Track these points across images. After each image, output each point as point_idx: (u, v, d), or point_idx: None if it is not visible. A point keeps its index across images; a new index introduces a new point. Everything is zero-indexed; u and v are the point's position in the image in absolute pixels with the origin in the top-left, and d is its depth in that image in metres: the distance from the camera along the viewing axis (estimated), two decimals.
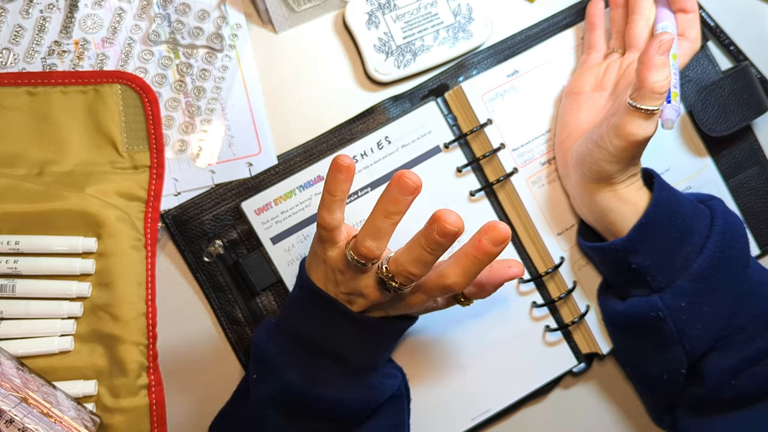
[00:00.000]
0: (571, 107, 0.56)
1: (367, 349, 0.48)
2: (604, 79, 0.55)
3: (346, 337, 0.47)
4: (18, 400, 0.45)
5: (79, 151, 0.54)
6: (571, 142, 0.55)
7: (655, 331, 0.52)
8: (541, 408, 0.60)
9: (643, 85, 0.46)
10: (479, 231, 0.42)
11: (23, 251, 0.51)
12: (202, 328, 0.56)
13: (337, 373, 0.48)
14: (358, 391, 0.48)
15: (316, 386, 0.47)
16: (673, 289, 0.51)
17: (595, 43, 0.58)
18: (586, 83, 0.56)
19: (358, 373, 0.48)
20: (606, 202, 0.52)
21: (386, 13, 0.58)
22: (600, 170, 0.51)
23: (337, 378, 0.48)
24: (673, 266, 0.51)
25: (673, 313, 0.51)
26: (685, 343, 0.51)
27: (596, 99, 0.55)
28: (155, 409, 0.52)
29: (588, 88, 0.56)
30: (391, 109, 0.58)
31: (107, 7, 0.55)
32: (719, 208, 0.54)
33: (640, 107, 0.46)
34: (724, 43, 0.63)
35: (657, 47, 0.46)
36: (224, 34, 0.57)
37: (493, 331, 0.58)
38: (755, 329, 0.51)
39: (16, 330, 0.51)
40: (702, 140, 0.61)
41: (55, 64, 0.54)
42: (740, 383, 0.51)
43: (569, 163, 0.55)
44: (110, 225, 0.51)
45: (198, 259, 0.55)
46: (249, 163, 0.57)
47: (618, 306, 0.55)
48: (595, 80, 0.56)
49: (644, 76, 0.46)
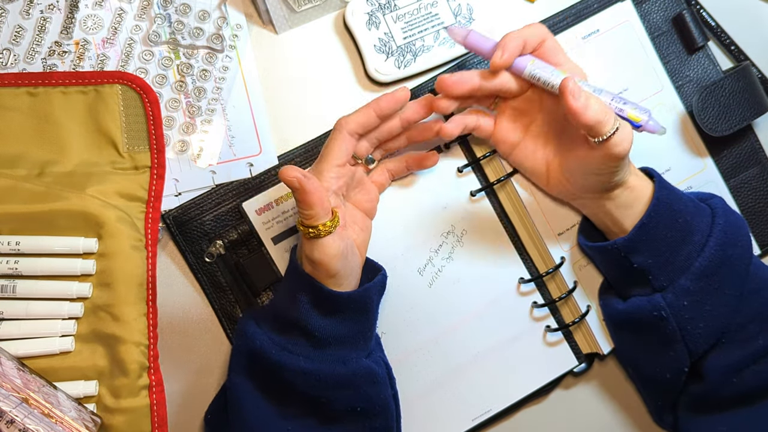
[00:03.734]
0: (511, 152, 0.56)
1: (331, 321, 0.49)
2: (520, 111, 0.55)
3: (309, 307, 0.49)
4: (19, 400, 0.45)
5: (80, 152, 0.54)
6: (554, 174, 0.55)
7: (657, 330, 0.52)
8: (541, 408, 0.60)
9: (591, 126, 0.47)
10: None
11: (24, 252, 0.51)
12: (203, 329, 0.56)
13: (304, 344, 0.49)
14: (323, 362, 0.49)
15: (280, 353, 0.49)
16: (675, 288, 0.51)
17: None
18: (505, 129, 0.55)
19: (328, 347, 0.49)
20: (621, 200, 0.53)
21: (386, 13, 0.58)
22: (610, 185, 0.51)
23: (304, 349, 0.49)
24: (675, 265, 0.51)
25: (675, 312, 0.51)
26: (688, 341, 0.51)
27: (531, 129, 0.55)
28: (156, 409, 0.52)
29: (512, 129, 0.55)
30: None
31: (108, 7, 0.55)
32: (720, 206, 0.54)
33: (606, 137, 0.47)
34: (725, 43, 0.63)
35: (565, 95, 0.47)
36: (225, 34, 0.57)
37: (493, 331, 0.58)
38: (756, 327, 0.51)
39: (17, 330, 0.51)
40: (702, 140, 0.61)
41: (55, 65, 0.54)
42: (741, 381, 0.51)
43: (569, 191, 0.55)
44: (111, 225, 0.51)
45: (199, 260, 0.55)
46: (250, 163, 0.57)
47: (620, 306, 0.55)
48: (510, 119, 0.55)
49: (583, 121, 0.47)
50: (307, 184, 0.46)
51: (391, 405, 0.52)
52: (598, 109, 0.47)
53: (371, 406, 0.50)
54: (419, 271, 0.57)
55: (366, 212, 0.54)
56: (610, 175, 0.50)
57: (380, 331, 0.56)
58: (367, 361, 0.51)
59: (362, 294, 0.50)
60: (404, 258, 0.57)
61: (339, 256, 0.48)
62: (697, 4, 0.63)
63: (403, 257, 0.57)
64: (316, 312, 0.49)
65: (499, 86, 0.52)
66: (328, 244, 0.47)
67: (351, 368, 0.50)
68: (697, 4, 0.63)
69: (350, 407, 0.50)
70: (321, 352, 0.49)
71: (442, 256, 0.57)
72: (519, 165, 0.56)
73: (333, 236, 0.47)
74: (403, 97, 0.51)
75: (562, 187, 0.55)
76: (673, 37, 0.61)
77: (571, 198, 0.56)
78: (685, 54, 0.62)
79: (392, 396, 0.53)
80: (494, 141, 0.56)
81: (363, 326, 0.51)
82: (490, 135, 0.56)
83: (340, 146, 0.50)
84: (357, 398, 0.50)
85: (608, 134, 0.47)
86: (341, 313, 0.49)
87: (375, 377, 0.50)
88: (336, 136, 0.50)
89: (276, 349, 0.49)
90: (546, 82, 0.51)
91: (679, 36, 0.62)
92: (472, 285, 0.57)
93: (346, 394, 0.50)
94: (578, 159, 0.51)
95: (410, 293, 0.57)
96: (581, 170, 0.52)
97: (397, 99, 0.50)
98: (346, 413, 0.50)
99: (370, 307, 0.51)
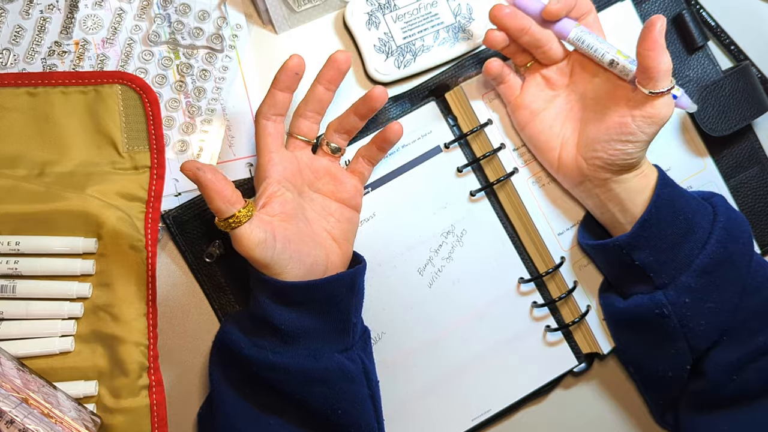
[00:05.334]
0: (530, 121, 0.55)
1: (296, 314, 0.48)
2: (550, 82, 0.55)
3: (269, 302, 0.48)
4: (19, 400, 0.45)
5: (80, 152, 0.54)
6: (567, 153, 0.54)
7: (658, 327, 0.52)
8: (541, 408, 0.60)
9: (656, 71, 0.48)
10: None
11: (24, 252, 0.51)
12: (202, 329, 0.56)
13: (273, 340, 0.49)
14: (293, 357, 0.48)
15: (250, 348, 0.49)
16: (677, 285, 0.51)
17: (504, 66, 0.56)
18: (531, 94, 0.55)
19: (297, 341, 0.49)
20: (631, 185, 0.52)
21: (386, 13, 0.58)
22: (631, 161, 0.51)
23: (273, 344, 0.49)
24: (677, 262, 0.51)
25: (677, 310, 0.51)
26: (690, 339, 0.51)
27: (555, 102, 0.55)
28: (156, 409, 0.52)
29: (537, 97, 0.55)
30: (391, 110, 0.58)
31: (107, 7, 0.55)
32: (721, 204, 0.54)
33: (660, 91, 0.48)
34: (725, 43, 0.63)
35: (652, 32, 0.47)
36: (224, 34, 0.57)
37: (493, 331, 0.58)
38: (757, 324, 0.51)
39: (17, 330, 0.51)
40: (702, 140, 0.61)
41: (55, 65, 0.54)
42: (742, 379, 0.51)
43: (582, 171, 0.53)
44: (110, 225, 0.51)
45: (198, 260, 0.55)
46: (249, 163, 0.57)
47: (620, 304, 0.54)
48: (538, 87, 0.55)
49: (653, 63, 0.48)
50: (202, 176, 0.44)
51: (368, 405, 0.51)
52: (669, 61, 0.48)
53: (349, 407, 0.49)
54: (419, 271, 0.57)
55: (343, 202, 0.53)
56: (640, 144, 0.50)
57: (380, 331, 0.56)
58: (340, 356, 0.50)
59: (322, 284, 0.49)
60: (404, 258, 0.57)
61: (261, 245, 0.46)
62: (697, 4, 0.63)
63: (403, 257, 0.57)
64: (277, 305, 0.48)
65: (545, 39, 0.53)
66: (244, 235, 0.46)
67: (322, 363, 0.49)
68: (697, 4, 0.63)
69: (329, 407, 0.49)
70: (290, 347, 0.49)
71: (442, 256, 0.57)
72: (533, 137, 0.55)
73: (248, 226, 0.46)
74: (294, 65, 0.49)
75: (572, 168, 0.54)
76: (673, 37, 0.61)
77: (578, 182, 0.54)
78: (685, 54, 0.62)
79: (369, 396, 0.51)
80: (516, 105, 0.55)
81: (333, 318, 0.50)
82: (514, 97, 0.55)
83: (261, 134, 0.50)
84: (333, 396, 0.49)
85: (664, 89, 0.48)
86: (304, 304, 0.48)
87: (349, 374, 0.49)
88: (256, 127, 0.51)
89: (247, 344, 0.49)
90: (590, 46, 0.51)
91: (679, 36, 0.62)
92: (472, 285, 0.57)
93: (321, 390, 0.49)
94: (608, 127, 0.51)
95: (410, 293, 0.57)
96: (608, 138, 0.51)
97: (288, 67, 0.49)
98: (325, 413, 0.49)
99: (336, 299, 0.49)
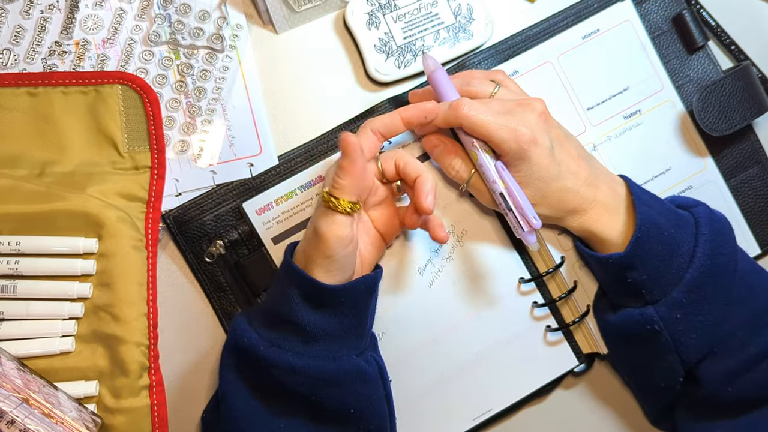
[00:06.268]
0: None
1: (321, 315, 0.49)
2: None
3: (299, 301, 0.48)
4: (19, 401, 0.45)
5: (80, 152, 0.54)
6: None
7: (650, 342, 0.52)
8: (542, 408, 0.60)
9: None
10: None
11: (24, 252, 0.51)
12: (203, 329, 0.56)
13: (294, 339, 0.49)
14: (312, 358, 0.49)
15: (269, 349, 0.49)
16: (668, 301, 0.51)
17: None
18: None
19: (318, 342, 0.49)
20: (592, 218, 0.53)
21: (387, 13, 0.58)
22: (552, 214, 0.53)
23: (293, 344, 0.49)
24: (667, 279, 0.51)
25: (668, 325, 0.51)
26: (681, 352, 0.51)
27: None
28: (156, 409, 0.52)
29: None
30: (391, 110, 0.58)
31: (108, 7, 0.55)
32: (704, 215, 0.53)
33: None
34: (725, 43, 0.63)
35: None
36: (225, 34, 0.57)
37: (493, 330, 0.58)
38: (746, 335, 0.51)
39: (17, 331, 0.51)
40: (703, 140, 0.61)
41: (55, 65, 0.54)
42: (738, 389, 0.51)
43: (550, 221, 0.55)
44: (111, 225, 0.52)
45: (199, 260, 0.56)
46: (250, 163, 0.57)
47: (611, 318, 0.54)
48: None
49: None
50: (359, 155, 0.47)
51: (383, 406, 0.52)
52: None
53: (363, 407, 0.50)
54: (419, 271, 0.57)
55: (381, 232, 0.54)
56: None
57: (380, 331, 0.56)
58: (357, 359, 0.50)
59: (350, 288, 0.50)
60: (404, 258, 0.57)
61: (344, 239, 0.48)
62: (697, 3, 0.63)
63: (403, 257, 0.57)
64: (307, 306, 0.49)
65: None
66: (340, 222, 0.48)
67: (341, 365, 0.49)
68: (697, 4, 0.63)
69: (342, 408, 0.49)
70: (310, 347, 0.49)
71: (442, 256, 0.57)
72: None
73: (347, 218, 0.48)
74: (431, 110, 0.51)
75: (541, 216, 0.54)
76: (673, 37, 0.61)
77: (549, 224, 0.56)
78: (685, 54, 0.62)
79: (385, 396, 0.52)
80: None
81: (353, 321, 0.51)
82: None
83: (362, 141, 0.50)
84: (348, 397, 0.49)
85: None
86: (331, 306, 0.49)
87: (365, 375, 0.50)
88: (359, 132, 0.51)
89: (265, 344, 0.49)
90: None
91: (679, 36, 0.62)
92: (472, 285, 0.58)
93: (337, 392, 0.49)
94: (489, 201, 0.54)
95: (410, 293, 0.57)
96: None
97: (425, 110, 0.51)
98: (338, 414, 0.50)
99: (359, 302, 0.50)
